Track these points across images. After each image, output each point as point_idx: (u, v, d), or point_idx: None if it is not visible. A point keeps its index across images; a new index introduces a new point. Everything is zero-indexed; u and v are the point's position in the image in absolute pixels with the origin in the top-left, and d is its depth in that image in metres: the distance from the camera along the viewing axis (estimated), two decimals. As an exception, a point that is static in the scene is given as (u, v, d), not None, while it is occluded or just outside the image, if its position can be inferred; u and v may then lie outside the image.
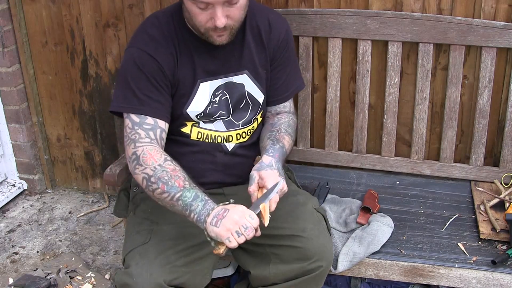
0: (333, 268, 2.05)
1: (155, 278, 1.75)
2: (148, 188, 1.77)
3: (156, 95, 1.85)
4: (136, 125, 1.83)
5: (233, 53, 1.93)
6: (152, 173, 1.75)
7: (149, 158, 1.77)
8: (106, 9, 2.68)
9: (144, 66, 1.83)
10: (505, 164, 2.40)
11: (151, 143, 1.81)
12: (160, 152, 1.79)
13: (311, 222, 1.96)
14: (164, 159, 1.77)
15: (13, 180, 3.18)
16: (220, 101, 1.94)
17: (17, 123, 3.00)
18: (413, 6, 2.33)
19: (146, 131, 1.82)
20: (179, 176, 1.74)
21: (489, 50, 2.27)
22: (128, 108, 1.85)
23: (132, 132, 1.82)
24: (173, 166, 1.77)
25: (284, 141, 1.99)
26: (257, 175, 1.82)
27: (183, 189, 1.72)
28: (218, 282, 2.45)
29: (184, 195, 1.71)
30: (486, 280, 2.02)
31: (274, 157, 1.89)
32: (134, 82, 1.84)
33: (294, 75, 2.13)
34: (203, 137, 1.97)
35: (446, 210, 2.30)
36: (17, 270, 2.62)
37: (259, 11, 1.98)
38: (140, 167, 1.77)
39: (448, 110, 2.39)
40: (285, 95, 2.10)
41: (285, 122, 2.07)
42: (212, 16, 1.73)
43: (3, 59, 2.84)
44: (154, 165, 1.76)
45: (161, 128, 1.85)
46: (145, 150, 1.79)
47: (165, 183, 1.73)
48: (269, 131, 2.03)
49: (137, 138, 1.81)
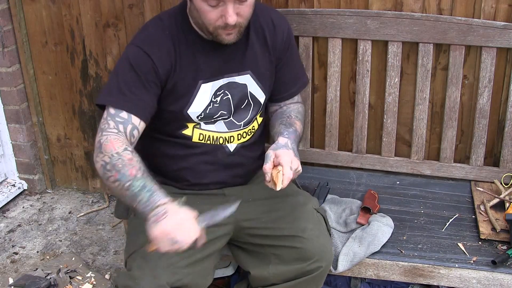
0: (333, 268, 2.05)
1: (158, 280, 1.75)
2: (104, 176, 1.73)
3: (141, 93, 1.82)
4: (110, 116, 1.81)
5: (237, 53, 1.93)
6: (109, 160, 1.71)
7: (110, 145, 1.73)
8: (106, 9, 2.67)
9: (137, 63, 1.83)
10: (505, 164, 2.40)
11: (117, 134, 1.78)
12: (122, 141, 1.75)
13: (311, 222, 1.96)
14: (124, 148, 1.73)
15: (13, 180, 3.18)
16: (221, 101, 1.94)
17: (17, 123, 3.00)
18: (413, 6, 2.33)
19: (116, 123, 1.79)
20: (134, 165, 1.70)
21: (489, 50, 2.27)
22: (109, 101, 1.83)
23: (104, 122, 1.81)
24: (130, 155, 1.72)
25: (296, 126, 1.99)
26: (272, 153, 1.79)
27: (133, 178, 1.67)
28: (218, 282, 2.45)
29: (132, 184, 1.67)
30: (486, 280, 2.02)
31: (289, 138, 1.88)
32: (122, 78, 1.83)
33: (300, 70, 2.14)
34: (204, 139, 1.97)
35: (446, 210, 2.30)
36: (17, 270, 2.62)
37: (261, 11, 1.98)
38: (100, 155, 1.74)
39: (448, 110, 2.39)
40: (292, 90, 2.10)
41: (295, 109, 2.08)
42: (223, 14, 1.73)
43: (3, 59, 2.84)
44: (112, 153, 1.72)
45: (133, 124, 1.81)
46: (108, 138, 1.76)
47: (118, 171, 1.69)
48: (280, 118, 2.04)
49: (106, 128, 1.79)
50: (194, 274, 1.83)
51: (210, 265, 1.91)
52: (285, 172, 1.74)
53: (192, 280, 1.82)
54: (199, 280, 1.86)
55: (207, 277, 1.90)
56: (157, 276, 1.75)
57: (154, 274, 1.75)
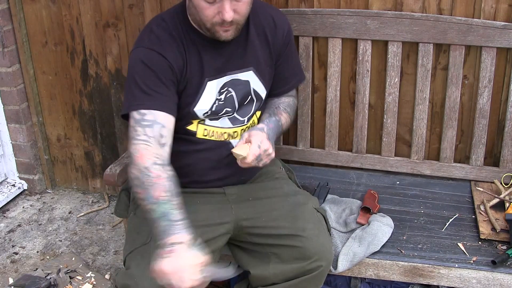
0: (333, 268, 2.05)
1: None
2: (134, 189, 1.76)
3: (163, 90, 1.82)
4: (135, 122, 1.80)
5: (238, 50, 1.94)
6: (139, 175, 1.72)
7: (139, 157, 1.74)
8: (106, 9, 2.68)
9: (152, 64, 1.82)
10: (505, 164, 2.40)
11: (146, 141, 1.76)
12: (151, 153, 1.74)
13: (311, 222, 1.96)
14: (152, 162, 1.72)
15: (13, 180, 3.18)
16: (226, 98, 1.95)
17: (17, 123, 3.00)
18: (413, 6, 2.33)
19: (143, 128, 1.78)
20: (159, 186, 1.70)
21: (489, 50, 2.27)
22: (135, 105, 1.81)
23: (131, 130, 1.81)
24: (159, 172, 1.72)
25: (281, 116, 2.03)
26: (246, 134, 1.86)
27: (157, 202, 1.68)
28: (218, 282, 2.45)
29: (153, 209, 1.68)
30: (486, 280, 2.02)
31: (267, 125, 1.93)
32: (141, 80, 1.81)
33: (297, 67, 2.16)
34: (209, 134, 1.97)
35: (446, 210, 2.30)
36: (17, 270, 2.62)
37: (261, 9, 1.99)
38: (132, 166, 1.76)
39: (448, 110, 2.39)
40: (288, 86, 2.12)
41: (285, 102, 2.11)
42: (220, 10, 1.74)
43: (3, 59, 2.84)
44: (141, 167, 1.72)
45: (160, 123, 1.79)
46: (137, 148, 1.76)
47: (145, 189, 1.70)
48: (268, 108, 2.08)
49: (134, 136, 1.78)
50: (193, 273, 1.83)
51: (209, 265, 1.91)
52: (252, 148, 1.80)
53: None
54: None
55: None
56: (156, 275, 1.75)
57: (153, 273, 1.75)
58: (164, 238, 1.64)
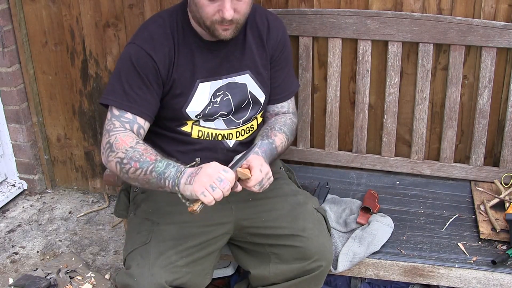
0: (333, 268, 2.05)
1: (157, 279, 1.75)
2: (121, 171, 1.77)
3: (144, 93, 1.85)
4: (114, 117, 1.85)
5: (234, 53, 1.94)
6: (124, 155, 1.75)
7: (121, 143, 1.78)
8: (106, 9, 2.68)
9: (139, 63, 1.85)
10: (505, 164, 2.40)
11: (125, 131, 1.82)
12: (132, 137, 1.80)
13: (311, 222, 1.97)
14: (136, 142, 1.78)
15: (13, 180, 3.18)
16: (221, 102, 1.95)
17: (17, 123, 3.00)
18: (413, 6, 2.33)
19: (122, 123, 1.84)
20: (151, 153, 1.75)
21: (489, 50, 2.27)
22: (113, 101, 1.86)
23: (109, 124, 1.84)
24: (144, 146, 1.78)
25: (275, 138, 1.98)
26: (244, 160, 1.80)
27: (155, 161, 1.72)
28: (218, 282, 2.45)
29: (156, 165, 1.71)
30: (486, 280, 2.02)
31: (260, 148, 1.90)
32: (125, 78, 1.86)
33: (291, 76, 2.14)
34: (204, 135, 1.97)
35: (446, 210, 2.30)
36: (17, 270, 2.62)
37: (258, 12, 1.99)
38: (113, 153, 1.78)
39: (448, 110, 2.39)
40: (282, 95, 2.10)
41: (281, 121, 2.07)
42: (220, 8, 1.75)
43: (3, 59, 2.84)
44: (125, 148, 1.77)
45: (139, 124, 1.86)
46: (117, 137, 1.80)
47: (137, 161, 1.73)
48: (263, 129, 2.04)
49: (112, 128, 1.83)
50: (193, 273, 1.83)
51: (209, 265, 1.91)
52: (254, 173, 1.75)
53: (191, 279, 1.82)
54: (198, 279, 1.86)
55: (206, 276, 1.90)
56: (155, 275, 1.75)
57: (153, 273, 1.76)
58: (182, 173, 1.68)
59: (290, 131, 2.06)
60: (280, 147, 1.99)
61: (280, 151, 2.00)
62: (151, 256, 1.80)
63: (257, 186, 1.76)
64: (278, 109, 2.11)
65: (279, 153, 1.99)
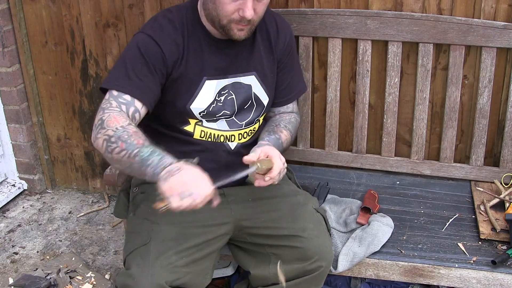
0: (333, 268, 2.05)
1: (157, 279, 1.74)
2: (107, 150, 1.72)
3: (147, 79, 1.83)
4: (112, 97, 1.81)
5: (243, 53, 1.94)
6: (113, 133, 1.71)
7: (113, 121, 1.73)
8: (106, 9, 2.68)
9: (146, 50, 1.83)
10: (505, 164, 2.40)
11: (120, 111, 1.78)
12: (125, 118, 1.75)
13: (311, 222, 1.97)
14: (128, 123, 1.73)
15: (13, 180, 3.18)
16: (225, 101, 1.95)
17: (17, 123, 3.00)
18: (413, 6, 2.33)
19: (119, 104, 1.79)
20: (140, 137, 1.70)
21: (489, 50, 2.27)
22: (115, 85, 1.82)
23: (105, 102, 1.81)
24: (135, 129, 1.73)
25: (281, 134, 1.99)
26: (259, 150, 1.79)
27: (141, 146, 1.67)
28: (218, 282, 2.45)
29: (141, 150, 1.66)
30: (486, 280, 2.02)
31: (268, 143, 1.90)
32: (131, 65, 1.83)
33: (298, 78, 2.14)
34: (206, 136, 1.97)
35: (446, 210, 2.30)
36: (17, 270, 2.62)
37: (267, 14, 1.99)
38: (102, 130, 1.73)
39: (448, 110, 2.39)
40: (288, 97, 2.11)
41: (286, 119, 2.08)
42: (241, 7, 1.75)
43: (3, 59, 2.84)
44: (116, 127, 1.72)
45: (136, 107, 1.81)
46: (111, 114, 1.75)
47: (124, 141, 1.68)
48: (268, 126, 2.05)
49: (108, 107, 1.79)
50: (193, 273, 1.83)
51: (209, 265, 1.91)
52: (275, 162, 1.74)
53: (191, 280, 1.82)
54: (198, 279, 1.86)
55: (206, 276, 1.90)
56: (155, 275, 1.75)
57: (153, 273, 1.75)
58: (164, 164, 1.62)
59: (294, 129, 2.08)
60: (285, 143, 2.00)
61: (285, 147, 2.01)
62: (151, 256, 1.79)
63: (277, 175, 1.76)
64: (284, 110, 2.13)
65: (284, 149, 2.00)
